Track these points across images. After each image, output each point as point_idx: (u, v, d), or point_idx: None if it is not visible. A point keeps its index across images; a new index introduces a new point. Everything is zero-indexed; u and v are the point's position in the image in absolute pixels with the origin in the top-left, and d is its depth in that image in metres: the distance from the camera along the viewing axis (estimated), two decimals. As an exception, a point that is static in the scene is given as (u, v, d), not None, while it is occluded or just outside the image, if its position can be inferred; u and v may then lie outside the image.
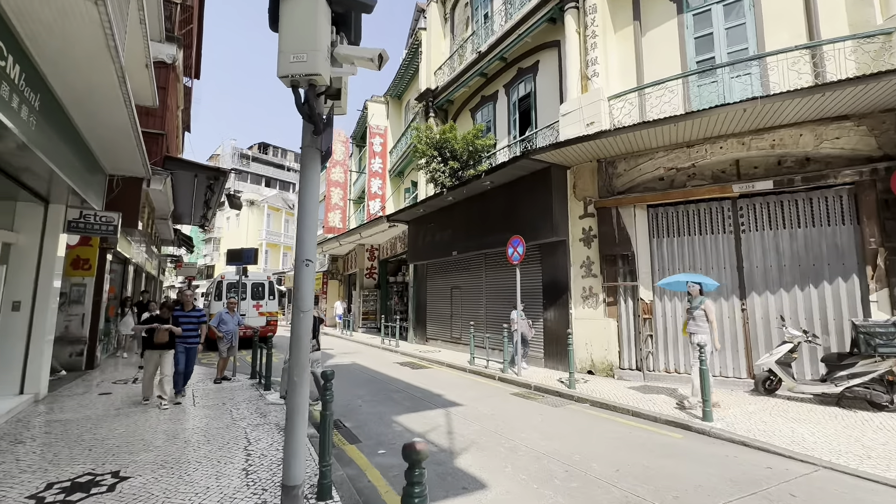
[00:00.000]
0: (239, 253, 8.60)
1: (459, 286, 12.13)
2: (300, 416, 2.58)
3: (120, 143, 6.25)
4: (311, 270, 2.76)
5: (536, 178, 9.08)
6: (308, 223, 2.78)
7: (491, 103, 12.89)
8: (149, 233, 12.54)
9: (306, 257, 2.73)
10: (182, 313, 6.24)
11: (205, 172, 10.22)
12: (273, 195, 40.34)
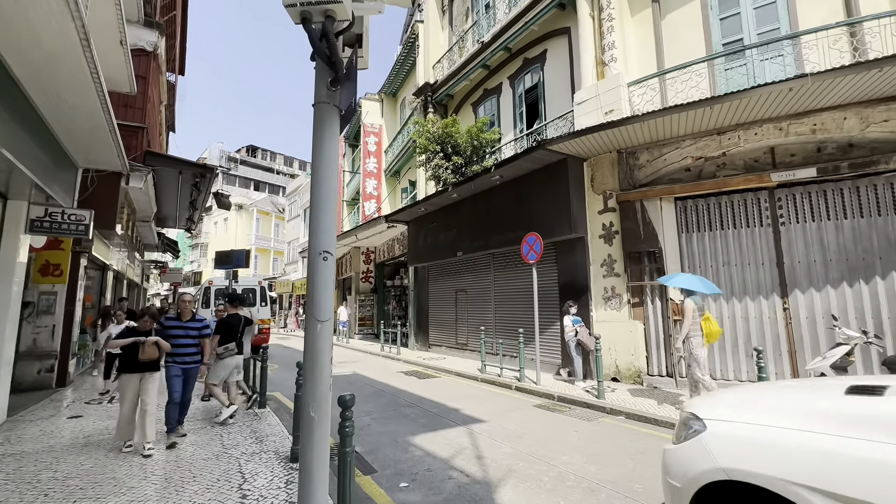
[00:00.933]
0: (228, 255, 7.82)
1: (465, 289, 11.45)
2: (318, 473, 1.88)
3: (91, 131, 5.48)
4: (331, 266, 2.06)
5: (551, 171, 8.47)
6: (325, 203, 2.09)
7: (494, 96, 12.29)
8: (129, 236, 11.65)
9: (324, 249, 2.04)
10: (177, 323, 4.89)
11: (190, 169, 9.42)
12: (262, 199, 39.28)
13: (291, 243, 30.82)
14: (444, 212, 11.82)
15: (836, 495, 1.57)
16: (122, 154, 6.30)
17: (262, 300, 12.93)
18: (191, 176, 9.77)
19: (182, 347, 4.83)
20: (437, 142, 11.07)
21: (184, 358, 4.84)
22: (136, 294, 19.80)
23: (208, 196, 11.28)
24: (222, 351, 5.55)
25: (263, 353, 6.33)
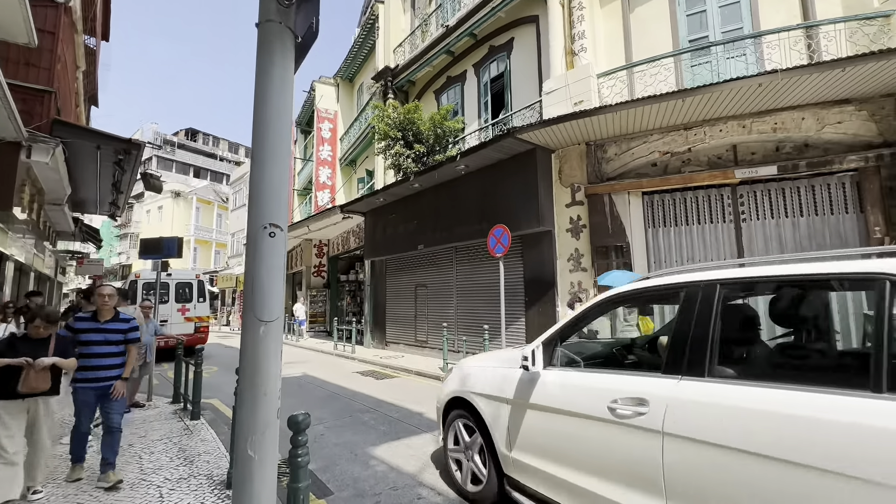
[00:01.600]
0: (157, 243, 6.77)
1: (425, 284, 10.96)
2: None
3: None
4: (280, 245, 1.50)
5: (519, 161, 8.18)
6: (272, 157, 1.51)
7: (458, 84, 11.85)
8: (35, 221, 10.02)
9: (270, 220, 1.47)
10: (92, 325, 3.59)
11: (110, 144, 8.12)
12: (203, 186, 36.38)
13: (236, 235, 28.73)
14: (405, 203, 11.24)
15: (482, 395, 3.09)
16: (14, 114, 5.18)
17: (199, 295, 11.68)
18: (112, 152, 8.45)
19: (100, 359, 3.51)
20: (399, 128, 10.45)
21: (102, 374, 3.50)
22: (48, 289, 17.40)
23: (135, 177, 9.91)
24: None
25: (197, 355, 5.48)
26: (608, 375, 2.39)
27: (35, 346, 3.19)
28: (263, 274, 1.43)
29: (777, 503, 1.56)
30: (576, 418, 2.35)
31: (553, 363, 2.69)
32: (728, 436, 1.70)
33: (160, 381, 8.07)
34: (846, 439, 1.42)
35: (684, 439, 1.84)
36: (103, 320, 3.65)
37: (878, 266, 1.58)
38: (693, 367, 1.97)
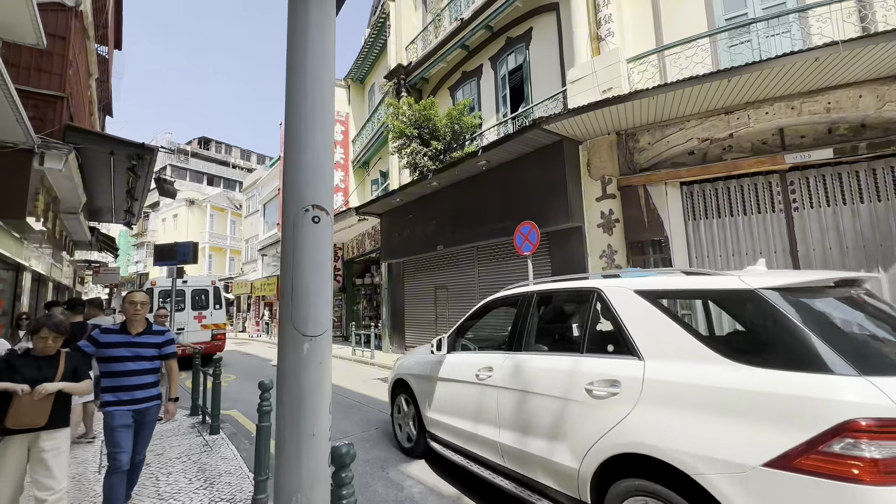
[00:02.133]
0: (171, 249, 6.53)
1: (445, 286, 10.58)
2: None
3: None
4: (325, 232, 1.13)
5: (543, 155, 7.76)
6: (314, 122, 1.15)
7: (474, 79, 11.48)
8: (52, 230, 9.92)
9: (313, 202, 1.10)
10: (121, 338, 3.05)
11: (124, 149, 7.94)
12: (217, 194, 36.60)
13: (250, 241, 28.76)
14: (422, 202, 10.89)
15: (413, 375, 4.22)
16: (23, 118, 4.96)
17: (215, 302, 11.49)
18: (125, 158, 8.28)
19: (132, 377, 3.00)
20: (415, 126, 10.12)
21: (138, 394, 3.01)
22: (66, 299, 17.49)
23: (149, 183, 9.75)
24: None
25: (215, 365, 5.19)
26: (479, 354, 3.54)
27: (40, 365, 2.59)
28: (306, 273, 1.07)
29: (540, 414, 2.63)
30: (460, 384, 3.51)
31: (454, 349, 3.89)
32: (521, 383, 2.85)
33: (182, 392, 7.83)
34: (566, 379, 2.52)
35: (506, 388, 2.97)
36: (135, 333, 3.10)
37: (594, 283, 2.71)
38: (515, 345, 3.12)
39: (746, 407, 1.77)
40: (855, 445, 1.49)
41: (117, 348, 3.02)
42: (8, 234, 7.82)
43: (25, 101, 7.21)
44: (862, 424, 1.49)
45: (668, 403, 2.02)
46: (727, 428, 1.79)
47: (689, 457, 1.85)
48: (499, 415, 2.98)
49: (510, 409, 2.90)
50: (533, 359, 2.90)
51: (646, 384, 2.13)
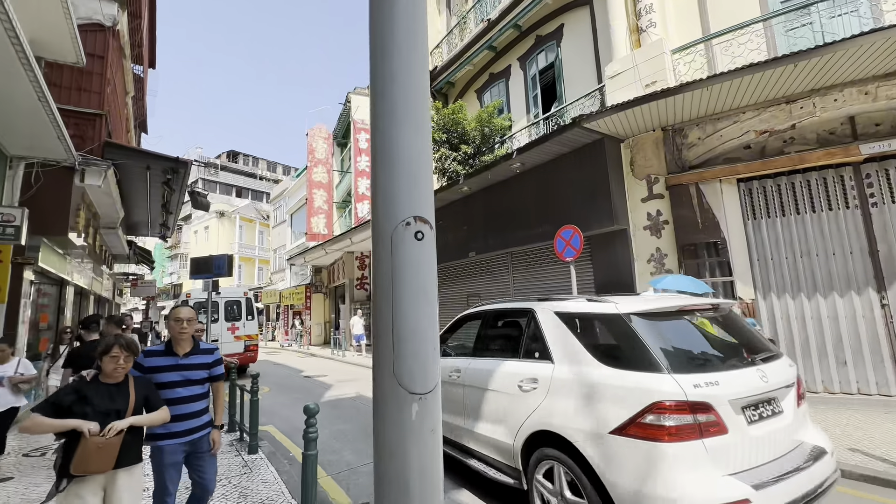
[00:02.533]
0: (206, 262, 6.48)
1: (478, 293, 10.26)
2: None
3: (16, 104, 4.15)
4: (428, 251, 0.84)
5: (582, 155, 7.39)
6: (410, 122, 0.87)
7: (502, 81, 11.20)
8: (92, 245, 10.16)
9: (414, 213, 0.82)
10: (168, 360, 2.67)
11: (159, 164, 8.04)
12: (245, 205, 37.50)
13: (278, 251, 29.24)
14: (452, 208, 10.64)
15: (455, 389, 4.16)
16: (65, 137, 4.97)
17: (248, 313, 11.53)
18: (161, 172, 8.39)
19: (184, 404, 2.61)
20: (444, 130, 9.90)
21: (190, 423, 2.63)
22: (107, 311, 18.07)
23: (183, 196, 9.88)
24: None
25: (253, 381, 5.04)
26: (453, 359, 4.11)
27: (111, 393, 2.25)
28: (411, 307, 0.80)
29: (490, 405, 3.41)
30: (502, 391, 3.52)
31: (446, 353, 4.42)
32: (479, 381, 3.58)
33: (214, 404, 7.78)
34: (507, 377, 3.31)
35: (469, 386, 3.71)
36: (182, 353, 2.67)
37: (530, 305, 3.43)
38: (476, 352, 3.93)
39: (603, 394, 2.55)
40: (658, 418, 2.27)
41: (165, 372, 2.60)
42: (52, 250, 7.99)
43: (67, 119, 7.34)
44: (664, 404, 2.28)
45: (563, 394, 2.80)
46: (592, 409, 2.56)
47: (572, 430, 2.64)
48: (465, 407, 3.78)
49: (472, 402, 3.67)
50: (487, 362, 3.68)
51: (553, 381, 2.91)
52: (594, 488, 2.48)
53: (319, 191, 18.42)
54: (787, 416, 2.56)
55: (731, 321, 3.03)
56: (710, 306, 2.99)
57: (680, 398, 2.27)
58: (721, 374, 2.44)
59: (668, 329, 2.78)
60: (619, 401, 2.46)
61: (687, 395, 2.28)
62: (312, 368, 12.65)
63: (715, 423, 2.29)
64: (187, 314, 2.74)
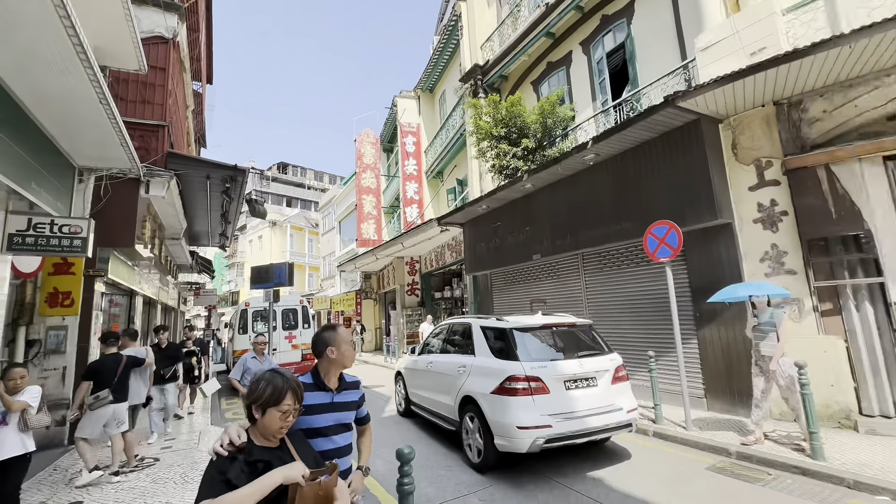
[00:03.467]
0: (266, 271, 6.22)
1: (543, 299, 9.46)
2: None
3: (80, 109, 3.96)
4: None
5: (670, 140, 6.46)
6: None
7: (562, 69, 10.38)
8: (158, 256, 10.40)
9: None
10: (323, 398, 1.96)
11: (218, 172, 7.97)
12: (295, 214, 38.70)
13: (327, 257, 29.73)
14: (512, 208, 9.93)
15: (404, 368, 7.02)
16: (128, 145, 4.80)
17: (304, 321, 11.40)
18: (220, 181, 8.34)
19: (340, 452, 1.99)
20: (503, 124, 9.24)
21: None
22: (173, 319, 18.92)
23: (241, 205, 9.88)
24: (92, 401, 4.62)
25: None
26: (430, 355, 6.14)
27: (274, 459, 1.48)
28: None
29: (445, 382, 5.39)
30: (420, 370, 6.25)
31: (422, 353, 6.50)
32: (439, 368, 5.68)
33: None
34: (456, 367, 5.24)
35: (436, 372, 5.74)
36: (335, 387, 2.00)
37: (469, 320, 5.53)
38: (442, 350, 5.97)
39: (490, 373, 4.54)
40: (510, 384, 4.27)
41: (321, 414, 1.91)
42: (121, 262, 8.12)
43: (131, 132, 7.36)
44: (514, 377, 4.28)
45: (476, 374, 4.80)
46: (485, 381, 4.55)
47: (477, 393, 4.62)
48: (433, 385, 5.81)
49: (436, 382, 5.68)
50: (446, 357, 5.68)
51: (472, 367, 4.92)
52: (482, 422, 4.51)
53: (369, 196, 18.31)
54: (601, 389, 4.54)
55: (581, 333, 5.12)
56: (568, 324, 5.08)
57: (521, 374, 4.32)
58: (550, 362, 4.48)
59: (529, 338, 4.78)
60: (495, 375, 4.48)
61: (525, 372, 4.32)
62: (368, 377, 12.34)
63: (541, 388, 4.28)
64: (344, 337, 2.03)
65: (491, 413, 4.39)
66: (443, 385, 5.45)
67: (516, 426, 4.14)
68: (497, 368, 4.51)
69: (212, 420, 7.46)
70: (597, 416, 4.30)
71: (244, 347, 10.49)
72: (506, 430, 4.22)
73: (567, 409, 4.27)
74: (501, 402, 4.30)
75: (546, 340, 4.82)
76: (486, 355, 4.83)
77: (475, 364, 4.89)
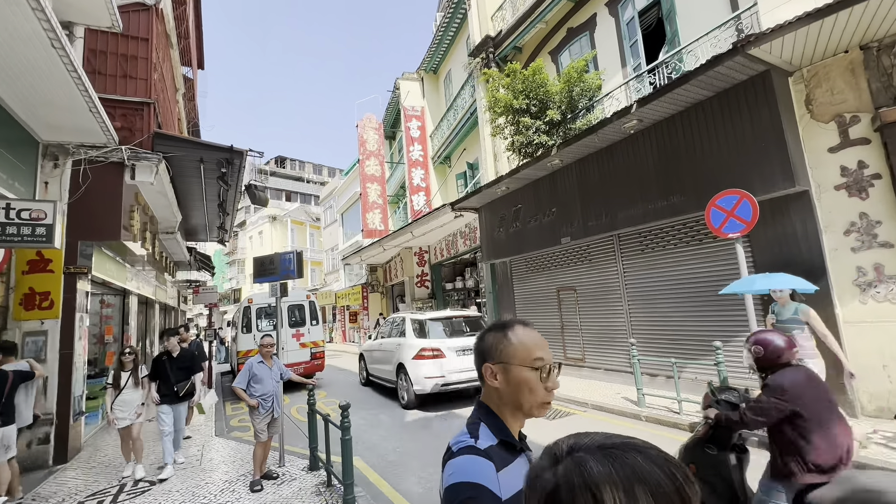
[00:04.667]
0: (270, 262, 5.38)
1: (572, 286, 8.68)
2: None
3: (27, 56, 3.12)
4: None
5: (731, 98, 5.61)
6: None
7: (584, 35, 9.47)
8: (152, 251, 9.61)
9: None
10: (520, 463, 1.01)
11: (213, 154, 7.14)
12: (295, 208, 37.77)
13: (329, 252, 28.94)
14: (535, 188, 9.11)
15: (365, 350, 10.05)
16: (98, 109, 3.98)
17: (312, 318, 10.64)
18: (215, 166, 7.50)
19: None
20: (525, 95, 8.36)
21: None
22: (173, 319, 18.18)
23: (239, 194, 9.05)
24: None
25: (343, 414, 3.84)
26: (380, 340, 9.05)
27: None
28: None
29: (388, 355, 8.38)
30: (374, 350, 9.27)
31: (376, 339, 9.33)
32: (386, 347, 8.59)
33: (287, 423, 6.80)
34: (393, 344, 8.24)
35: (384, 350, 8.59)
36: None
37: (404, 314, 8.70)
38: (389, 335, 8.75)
39: (412, 348, 7.44)
40: (421, 353, 7.26)
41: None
42: (108, 257, 7.31)
43: (112, 110, 6.54)
44: (424, 348, 7.27)
45: (404, 348, 7.63)
46: (408, 352, 7.46)
47: (404, 360, 7.49)
48: (381, 359, 8.69)
49: (385, 356, 8.47)
50: (390, 339, 8.39)
51: (403, 344, 7.73)
52: (407, 378, 7.33)
53: (373, 184, 17.45)
54: None
55: (472, 321, 8.10)
56: (463, 316, 8.17)
57: (428, 347, 7.24)
58: (448, 339, 7.42)
59: (437, 324, 7.68)
60: (415, 348, 7.35)
61: (431, 346, 7.25)
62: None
63: (441, 355, 7.15)
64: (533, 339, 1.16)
65: (412, 371, 7.27)
66: (387, 358, 8.40)
67: (424, 377, 7.09)
68: (416, 344, 7.47)
69: (216, 430, 6.72)
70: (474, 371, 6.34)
71: (248, 348, 9.74)
72: (419, 381, 7.12)
73: (456, 368, 7.11)
74: (417, 364, 7.22)
75: (448, 326, 7.81)
76: (412, 336, 7.72)
77: (405, 342, 7.75)
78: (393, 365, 7.95)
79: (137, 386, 4.96)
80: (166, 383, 5.09)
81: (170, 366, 5.16)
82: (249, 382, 4.50)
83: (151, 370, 5.20)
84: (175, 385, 5.08)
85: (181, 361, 5.27)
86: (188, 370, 5.28)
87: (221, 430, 6.77)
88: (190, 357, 5.43)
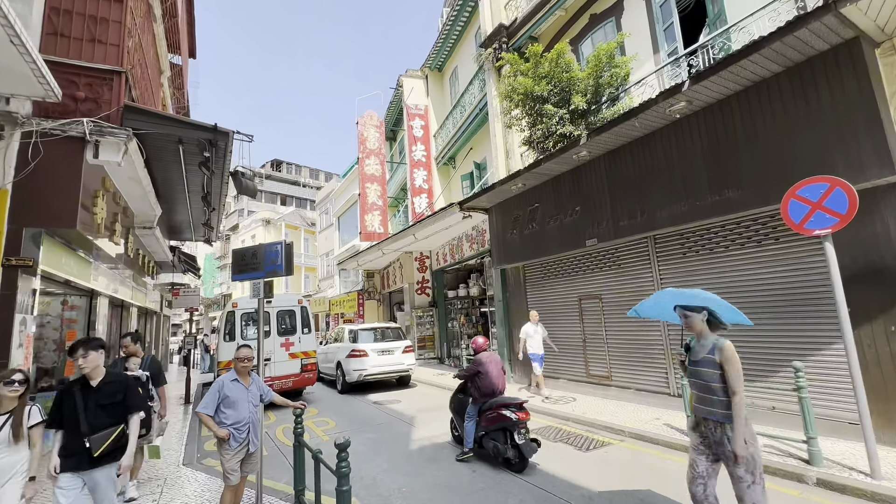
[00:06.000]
0: (254, 255, 4.41)
1: (598, 294, 7.75)
2: None
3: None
4: None
5: (806, 73, 4.78)
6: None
7: (610, 21, 8.71)
8: (128, 248, 8.57)
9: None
10: None
11: (193, 133, 6.17)
12: (290, 212, 36.80)
13: (324, 257, 27.87)
14: (555, 185, 8.24)
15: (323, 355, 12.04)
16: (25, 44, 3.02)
17: (303, 326, 9.61)
18: (196, 149, 6.54)
19: None
20: (549, 81, 7.53)
21: None
22: (155, 324, 17.00)
23: (225, 185, 8.09)
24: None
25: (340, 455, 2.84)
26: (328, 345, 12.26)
27: None
28: None
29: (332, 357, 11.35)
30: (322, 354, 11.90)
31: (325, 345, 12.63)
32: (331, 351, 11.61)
33: (272, 452, 5.73)
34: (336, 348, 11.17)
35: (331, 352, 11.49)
36: None
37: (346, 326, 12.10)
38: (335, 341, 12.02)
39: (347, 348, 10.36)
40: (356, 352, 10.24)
41: None
42: (69, 251, 6.28)
43: (76, 78, 5.58)
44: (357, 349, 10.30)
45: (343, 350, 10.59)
46: (345, 352, 10.32)
47: (342, 358, 10.44)
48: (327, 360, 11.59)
49: (329, 358, 11.42)
50: (335, 344, 11.46)
51: (342, 347, 10.73)
52: (342, 372, 10.32)
53: (373, 185, 16.53)
54: (395, 355, 10.35)
55: (393, 330, 11.42)
56: (386, 326, 11.63)
57: (358, 348, 10.12)
58: (372, 343, 10.37)
59: (366, 333, 10.73)
60: (348, 350, 10.25)
61: (360, 348, 10.11)
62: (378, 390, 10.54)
63: (364, 354, 10.04)
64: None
65: (345, 366, 10.15)
66: (330, 359, 11.28)
67: (353, 370, 9.93)
68: (349, 347, 10.28)
69: (184, 457, 5.64)
70: (391, 366, 10.18)
71: (230, 358, 8.68)
72: (349, 373, 9.99)
73: (377, 364, 10.04)
74: (349, 361, 10.05)
75: (374, 333, 10.79)
76: (348, 342, 10.56)
77: (342, 346, 10.69)
78: (334, 363, 10.88)
79: (19, 441, 2.75)
80: (73, 434, 2.81)
81: (83, 402, 2.87)
82: (219, 406, 3.49)
83: (51, 411, 2.88)
84: (87, 437, 2.79)
85: (106, 394, 2.94)
86: (118, 410, 2.97)
87: (191, 457, 5.69)
88: (121, 387, 3.03)
